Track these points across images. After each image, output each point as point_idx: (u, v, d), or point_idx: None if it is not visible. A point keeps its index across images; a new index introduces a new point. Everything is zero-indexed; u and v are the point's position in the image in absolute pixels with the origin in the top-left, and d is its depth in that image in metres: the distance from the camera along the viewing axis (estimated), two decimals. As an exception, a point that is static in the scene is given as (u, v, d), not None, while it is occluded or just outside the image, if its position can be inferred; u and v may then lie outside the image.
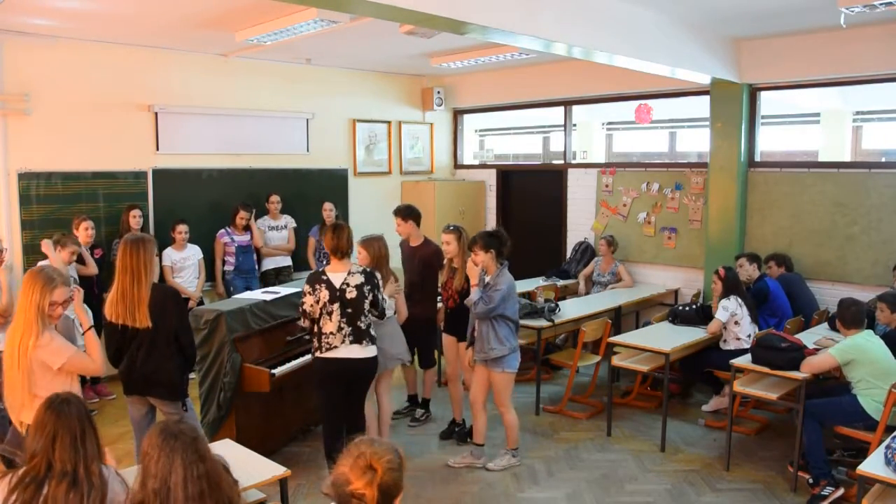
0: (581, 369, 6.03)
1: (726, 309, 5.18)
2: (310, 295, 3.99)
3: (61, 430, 2.17)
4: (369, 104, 8.26)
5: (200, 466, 2.08)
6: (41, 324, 2.95)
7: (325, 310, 3.97)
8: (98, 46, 6.15)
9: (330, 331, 3.97)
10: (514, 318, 4.51)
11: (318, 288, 3.98)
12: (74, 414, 2.22)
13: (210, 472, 2.11)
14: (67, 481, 2.12)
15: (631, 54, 4.93)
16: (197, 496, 2.05)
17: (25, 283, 2.98)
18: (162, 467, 2.05)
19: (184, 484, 2.04)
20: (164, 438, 2.08)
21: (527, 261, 8.45)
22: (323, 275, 4.02)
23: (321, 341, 4.00)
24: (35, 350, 2.93)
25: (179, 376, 3.66)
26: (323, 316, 3.98)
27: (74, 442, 2.17)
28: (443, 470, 4.57)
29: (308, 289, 4.01)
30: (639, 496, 4.25)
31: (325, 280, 3.99)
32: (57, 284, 2.99)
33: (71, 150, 6.08)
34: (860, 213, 5.91)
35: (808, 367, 4.25)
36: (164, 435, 2.10)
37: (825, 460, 4.19)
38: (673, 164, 7.38)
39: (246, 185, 7.11)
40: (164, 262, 6.16)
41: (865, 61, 5.66)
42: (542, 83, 7.79)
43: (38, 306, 2.93)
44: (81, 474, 2.15)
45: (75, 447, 2.17)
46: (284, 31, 5.29)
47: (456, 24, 3.77)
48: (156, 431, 2.12)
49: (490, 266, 4.43)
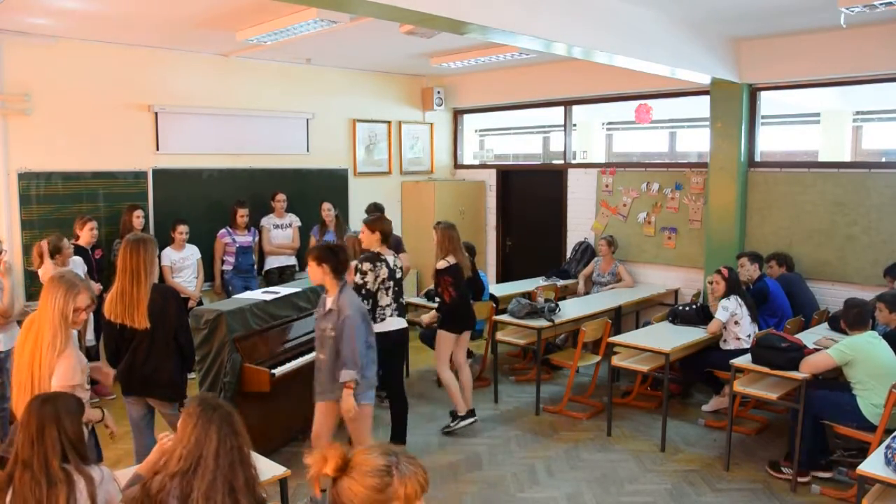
0: (581, 369, 6.03)
1: (726, 309, 5.18)
2: (371, 272, 4.45)
3: (22, 427, 2.22)
4: (369, 104, 8.26)
5: (234, 439, 2.16)
6: (65, 332, 2.91)
7: (383, 285, 4.51)
8: (98, 46, 6.15)
9: (386, 303, 4.53)
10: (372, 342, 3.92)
11: (379, 265, 4.49)
12: (36, 410, 2.22)
13: (242, 447, 2.18)
14: (29, 475, 2.15)
15: (631, 54, 4.93)
16: (227, 466, 2.11)
17: (48, 290, 2.93)
18: (197, 434, 2.12)
19: (216, 453, 2.11)
20: (203, 408, 2.17)
21: (527, 261, 8.49)
22: (381, 255, 4.53)
23: (375, 313, 4.47)
24: (55, 358, 2.89)
25: (179, 377, 3.66)
26: (380, 290, 4.50)
27: (31, 440, 2.18)
28: (443, 470, 4.57)
29: (369, 266, 4.46)
30: (639, 496, 4.25)
31: (383, 259, 4.53)
32: (80, 290, 2.95)
33: (71, 150, 6.08)
34: (860, 213, 5.91)
35: (807, 366, 4.25)
36: (203, 405, 2.18)
37: (812, 452, 4.28)
38: (673, 164, 7.39)
39: (246, 185, 7.11)
40: (164, 263, 6.16)
41: (865, 61, 5.66)
42: (542, 83, 7.79)
43: (63, 313, 2.89)
44: (38, 470, 2.15)
45: (31, 445, 2.18)
46: (284, 31, 5.29)
47: (456, 24, 3.77)
48: (195, 402, 2.20)
49: (330, 285, 3.78)
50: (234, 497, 2.12)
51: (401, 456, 1.59)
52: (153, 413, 3.78)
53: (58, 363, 2.89)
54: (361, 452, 1.60)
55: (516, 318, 5.64)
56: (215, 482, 2.09)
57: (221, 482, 2.10)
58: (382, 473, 1.55)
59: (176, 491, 2.09)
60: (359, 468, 1.57)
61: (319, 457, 1.59)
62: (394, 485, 1.54)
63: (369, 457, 1.58)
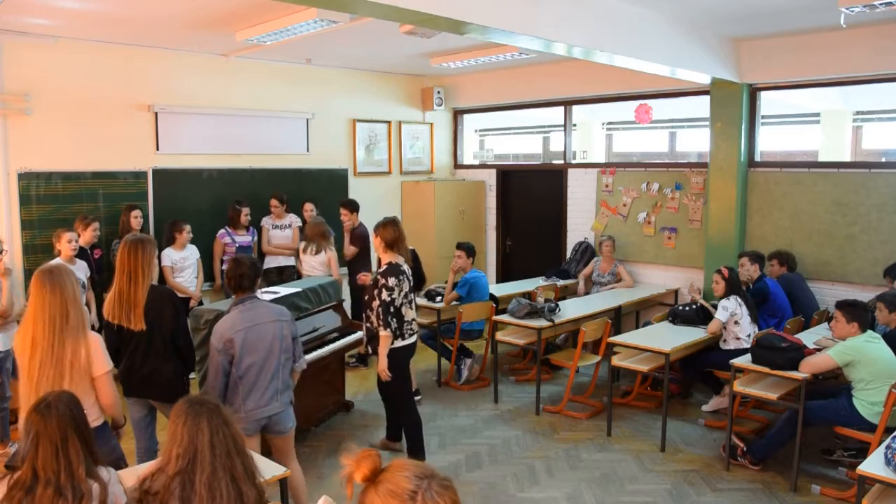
0: (581, 369, 6.04)
1: (726, 309, 5.18)
2: (396, 287, 4.21)
3: (43, 438, 2.13)
4: (369, 104, 8.26)
5: (226, 429, 2.18)
6: (83, 311, 2.97)
7: (405, 299, 4.28)
8: (98, 46, 6.15)
9: (412, 317, 4.36)
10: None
11: (402, 280, 4.26)
12: (55, 418, 2.16)
13: (235, 436, 2.20)
14: (52, 489, 2.10)
15: (631, 54, 4.92)
16: (224, 455, 2.13)
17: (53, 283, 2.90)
18: (189, 429, 2.13)
19: (210, 444, 2.12)
20: (190, 405, 2.21)
21: (527, 261, 8.49)
22: (402, 266, 4.29)
23: (403, 328, 4.28)
24: (88, 348, 2.91)
25: (178, 378, 3.65)
26: (404, 305, 4.28)
27: (55, 450, 2.13)
28: (443, 470, 4.52)
29: (395, 281, 4.20)
30: (639, 496, 4.25)
31: (404, 271, 4.29)
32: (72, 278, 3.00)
33: (71, 150, 6.08)
34: (860, 213, 5.91)
35: (807, 366, 4.25)
36: (189, 402, 2.22)
37: (773, 449, 4.47)
38: (673, 164, 7.38)
39: (246, 185, 7.11)
40: (164, 263, 6.15)
41: (865, 61, 5.65)
42: (542, 83, 7.80)
43: (75, 295, 2.92)
44: (64, 482, 2.11)
45: (56, 456, 2.12)
46: (284, 31, 5.29)
47: (456, 24, 3.77)
48: (181, 402, 2.23)
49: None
50: (236, 486, 2.12)
51: (433, 482, 1.50)
52: (154, 414, 3.78)
53: (92, 348, 2.93)
54: (396, 468, 1.52)
55: (516, 318, 5.64)
56: (216, 472, 2.10)
57: (222, 471, 2.10)
58: (406, 498, 1.47)
59: (178, 490, 2.09)
60: (386, 485, 1.49)
61: (353, 461, 1.53)
62: None
63: (400, 475, 1.50)
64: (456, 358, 6.28)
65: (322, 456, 4.76)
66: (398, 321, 4.27)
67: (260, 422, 3.43)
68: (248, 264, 3.54)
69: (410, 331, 4.38)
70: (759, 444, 4.54)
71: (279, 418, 3.49)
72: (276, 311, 3.55)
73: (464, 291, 6.13)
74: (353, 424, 5.40)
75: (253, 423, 3.40)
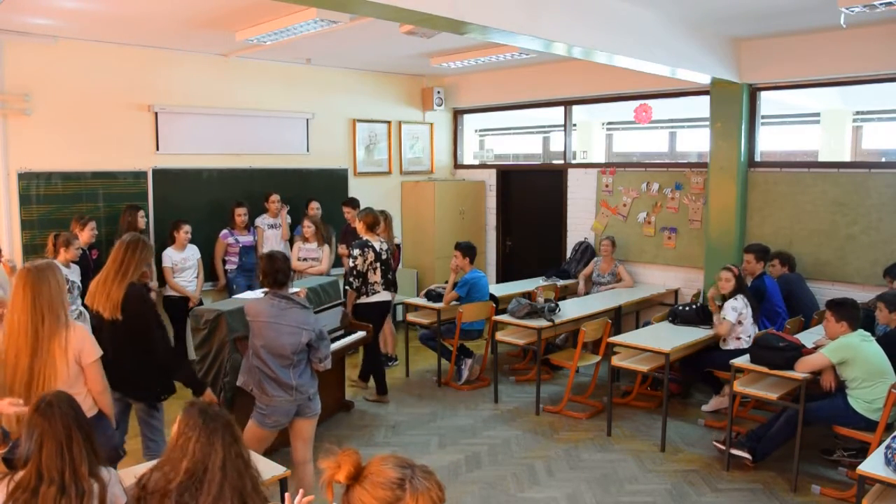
0: (581, 369, 6.03)
1: (735, 309, 5.17)
2: (360, 256, 5.53)
3: (46, 438, 2.13)
4: (369, 104, 8.26)
5: (237, 447, 2.15)
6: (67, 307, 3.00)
7: (371, 266, 5.57)
8: (98, 46, 6.15)
9: (375, 280, 5.61)
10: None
11: (367, 250, 5.56)
12: (59, 418, 2.16)
13: (244, 452, 2.18)
14: (55, 487, 2.09)
15: (631, 54, 4.92)
16: (235, 476, 2.11)
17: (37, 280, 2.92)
18: (202, 448, 2.08)
19: (222, 464, 2.09)
20: (205, 420, 2.12)
21: (527, 261, 8.49)
22: (370, 242, 5.59)
23: (367, 288, 5.60)
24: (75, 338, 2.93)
25: (152, 379, 3.59)
26: (369, 270, 5.57)
27: (60, 449, 2.13)
28: (442, 470, 4.57)
29: (359, 252, 5.54)
30: (639, 496, 4.25)
31: (371, 246, 5.59)
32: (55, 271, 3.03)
33: (71, 150, 6.08)
34: (860, 213, 5.91)
35: (803, 365, 4.26)
36: (204, 416, 2.13)
37: (772, 448, 4.44)
38: (673, 164, 7.38)
39: (246, 185, 7.11)
40: (165, 263, 6.16)
41: (865, 61, 5.65)
42: (542, 83, 7.79)
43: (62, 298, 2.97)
44: (68, 480, 2.11)
45: (61, 454, 2.12)
46: (284, 31, 5.29)
47: (456, 24, 3.77)
48: (195, 412, 2.14)
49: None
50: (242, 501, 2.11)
51: (416, 469, 1.53)
52: (129, 410, 3.72)
53: (80, 338, 2.95)
54: (377, 462, 1.55)
55: (516, 318, 5.64)
56: (223, 492, 2.07)
57: (230, 492, 2.08)
58: (395, 486, 1.49)
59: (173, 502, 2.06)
60: (371, 478, 1.51)
61: (333, 462, 1.55)
62: (405, 499, 1.48)
63: (384, 467, 1.52)
64: (456, 358, 6.28)
65: (322, 456, 4.74)
66: (363, 282, 5.56)
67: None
68: (282, 259, 3.70)
69: (374, 291, 5.63)
70: (759, 445, 4.50)
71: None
72: (301, 319, 3.65)
73: (463, 292, 6.13)
74: (354, 424, 5.40)
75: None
